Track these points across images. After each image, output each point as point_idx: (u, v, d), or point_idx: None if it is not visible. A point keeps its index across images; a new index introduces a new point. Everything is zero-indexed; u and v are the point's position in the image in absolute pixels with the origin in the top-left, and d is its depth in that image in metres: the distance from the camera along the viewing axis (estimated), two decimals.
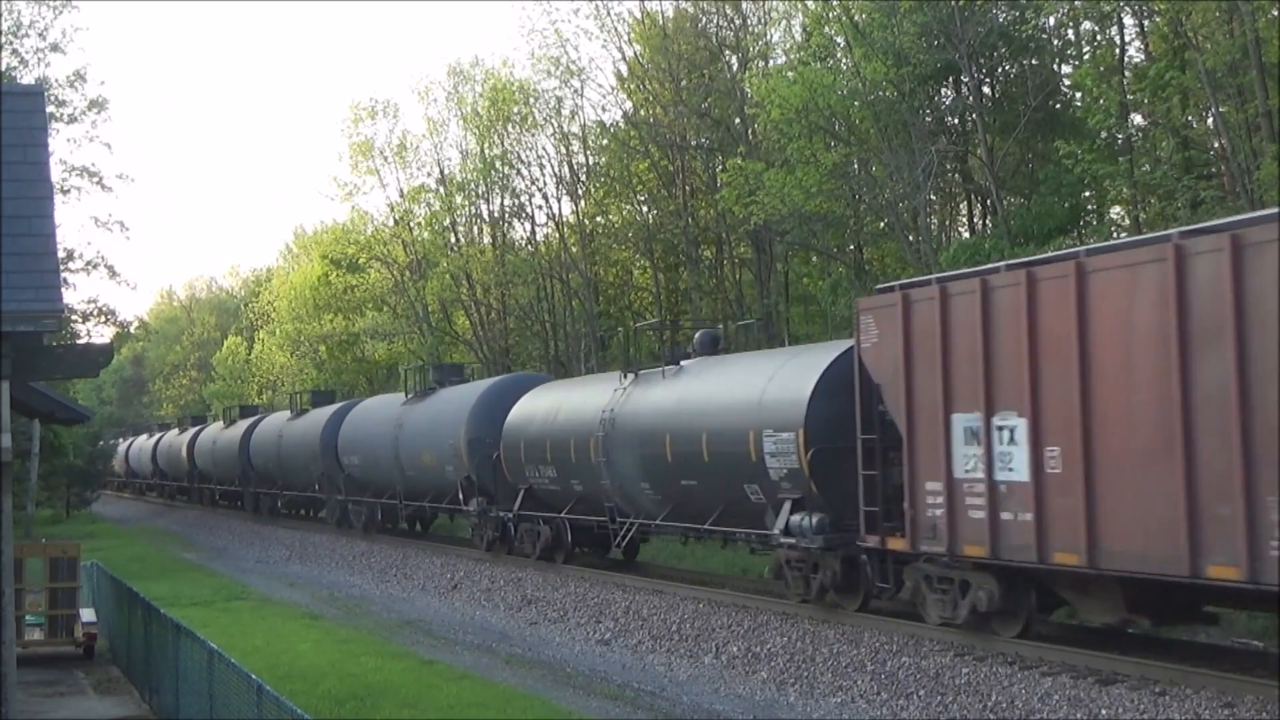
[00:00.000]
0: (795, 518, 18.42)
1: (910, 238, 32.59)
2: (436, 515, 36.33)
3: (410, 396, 35.77)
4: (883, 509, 16.78)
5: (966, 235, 35.05)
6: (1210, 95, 24.55)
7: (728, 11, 41.53)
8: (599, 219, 48.51)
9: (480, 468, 29.47)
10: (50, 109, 36.40)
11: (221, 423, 56.96)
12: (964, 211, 37.60)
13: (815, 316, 37.62)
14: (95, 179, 41.98)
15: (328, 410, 42.25)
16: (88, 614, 18.55)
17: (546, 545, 26.76)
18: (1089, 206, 30.96)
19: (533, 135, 48.19)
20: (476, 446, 29.58)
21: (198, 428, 61.54)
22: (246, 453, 48.76)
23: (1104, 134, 27.85)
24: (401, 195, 53.96)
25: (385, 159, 53.71)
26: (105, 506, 68.64)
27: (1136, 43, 30.00)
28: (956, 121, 33.23)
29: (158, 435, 73.32)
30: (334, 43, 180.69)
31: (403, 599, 26.47)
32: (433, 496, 33.28)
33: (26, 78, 39.50)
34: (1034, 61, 31.91)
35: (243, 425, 51.04)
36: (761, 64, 39.46)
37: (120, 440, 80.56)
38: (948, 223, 37.88)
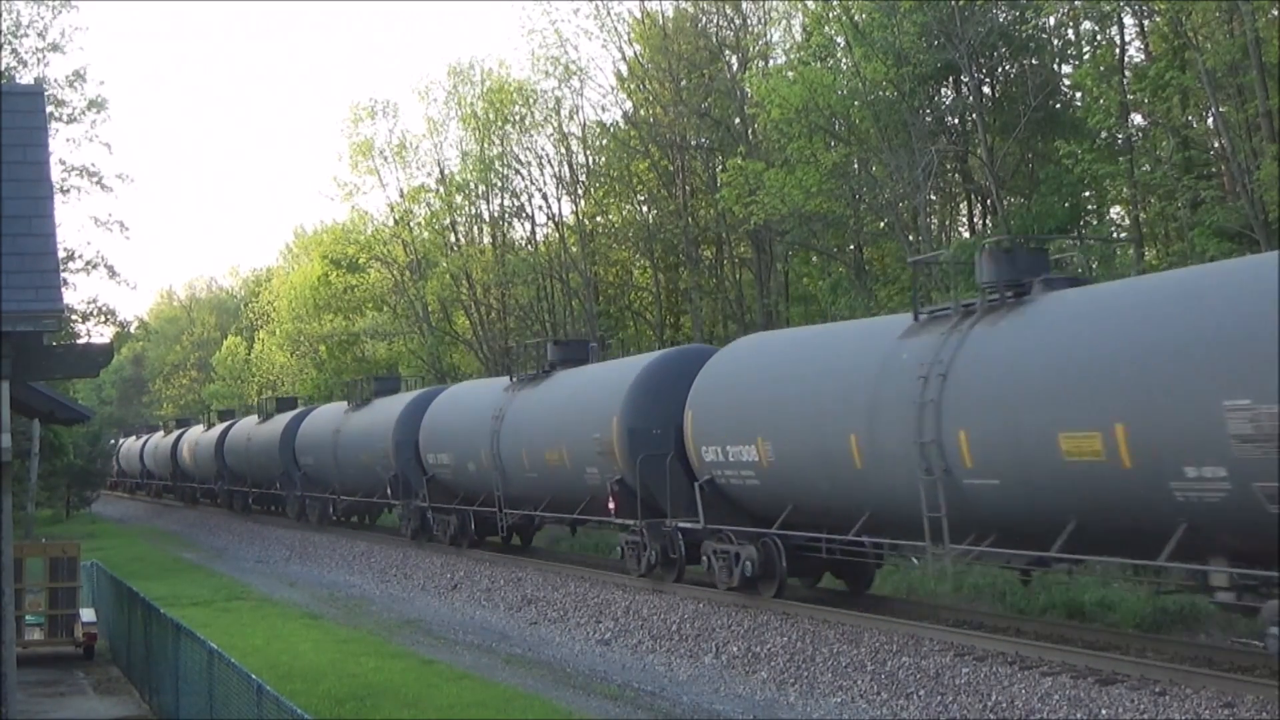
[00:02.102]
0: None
1: (910, 238, 32.60)
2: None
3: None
4: None
5: (966, 235, 35.06)
6: (1210, 95, 24.56)
7: (728, 11, 41.56)
8: (599, 219, 48.53)
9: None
10: (49, 109, 36.38)
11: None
12: (964, 211, 37.62)
13: (815, 316, 37.65)
14: (95, 179, 41.98)
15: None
16: (88, 614, 18.54)
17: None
18: (1089, 206, 31.00)
19: (532, 135, 48.26)
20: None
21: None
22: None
23: (1104, 134, 27.87)
24: (401, 195, 54.02)
25: (385, 159, 53.79)
26: (105, 506, 68.62)
27: (1136, 43, 30.05)
28: (956, 121, 33.25)
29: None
30: (334, 43, 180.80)
31: (403, 599, 26.46)
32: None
33: (26, 78, 39.51)
34: (1034, 61, 31.94)
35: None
36: (761, 64, 39.48)
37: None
38: (948, 223, 37.89)
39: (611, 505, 22.84)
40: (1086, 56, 30.48)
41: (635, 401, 22.39)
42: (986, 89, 32.61)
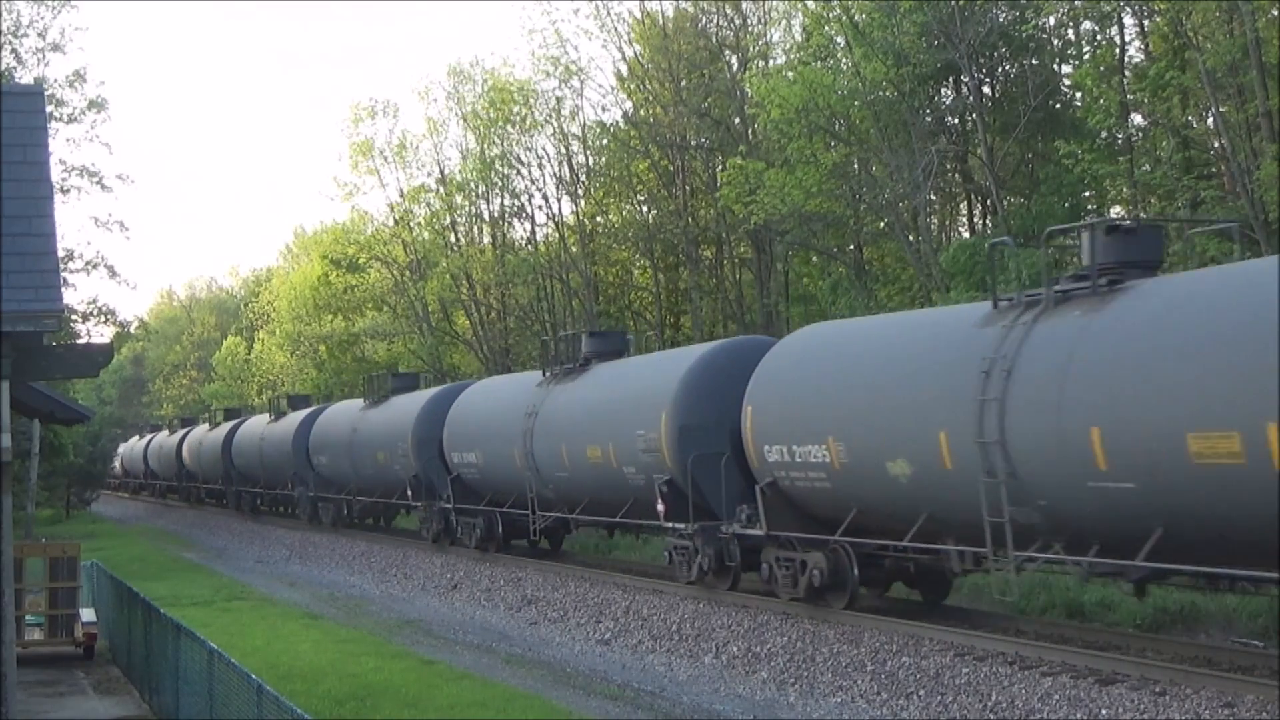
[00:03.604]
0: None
1: (910, 238, 32.61)
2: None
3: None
4: None
5: (966, 235, 35.07)
6: (1210, 95, 24.56)
7: (728, 11, 41.58)
8: (599, 219, 48.54)
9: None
10: (49, 109, 36.38)
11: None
12: (964, 211, 37.64)
13: (815, 316, 37.66)
14: (95, 179, 41.94)
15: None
16: (88, 614, 18.54)
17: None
18: (1089, 206, 30.98)
19: (532, 135, 48.26)
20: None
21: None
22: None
23: (1104, 134, 27.87)
24: (401, 195, 54.04)
25: (385, 159, 53.81)
26: (105, 506, 68.64)
27: (1136, 43, 30.05)
28: (956, 121, 33.26)
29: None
30: (334, 43, 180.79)
31: (403, 599, 26.46)
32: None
33: (25, 78, 39.50)
34: (1034, 61, 31.94)
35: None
36: (761, 64, 39.49)
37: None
38: (948, 223, 37.92)
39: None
40: (1086, 56, 30.48)
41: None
42: (986, 89, 32.62)
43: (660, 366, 23.01)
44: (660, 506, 21.23)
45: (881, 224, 34.80)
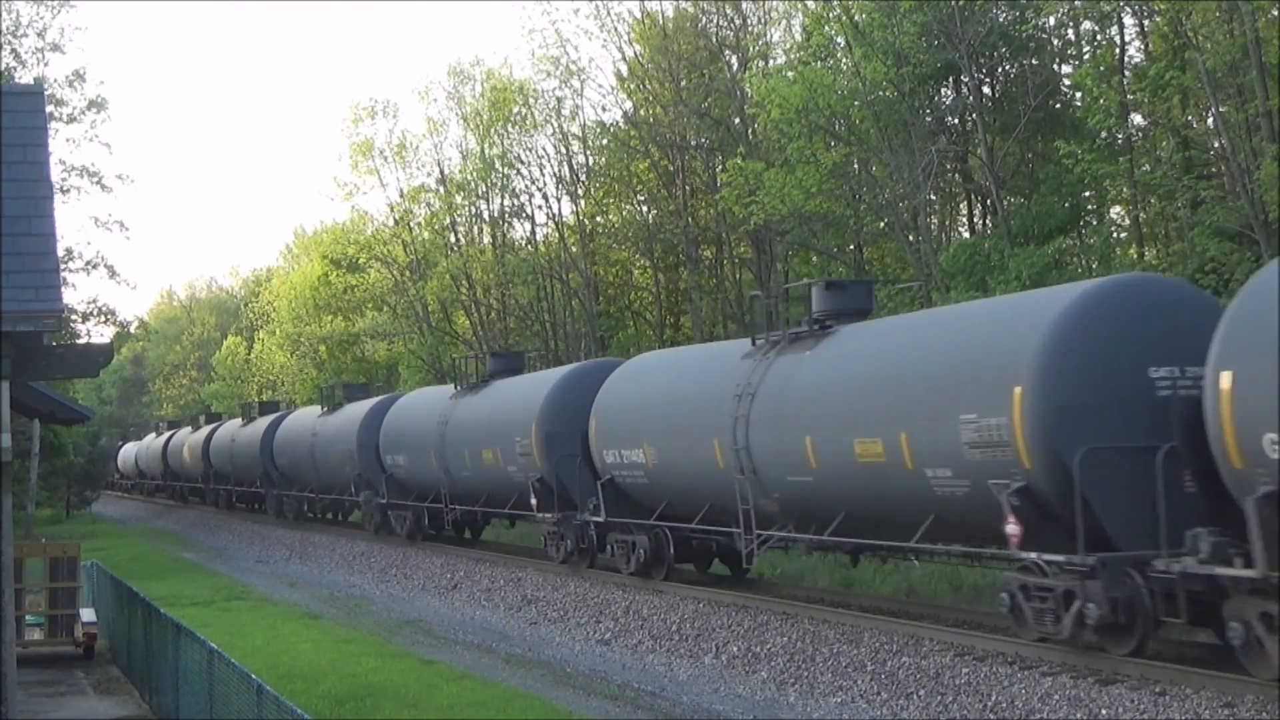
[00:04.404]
0: None
1: (910, 238, 32.62)
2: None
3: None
4: None
5: (966, 235, 35.07)
6: (1210, 95, 24.56)
7: (728, 11, 41.56)
8: (599, 219, 48.53)
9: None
10: (49, 109, 36.37)
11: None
12: (964, 211, 37.63)
13: None
14: (95, 179, 41.93)
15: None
16: (88, 614, 18.54)
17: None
18: (1089, 206, 30.98)
19: (532, 135, 48.25)
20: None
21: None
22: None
23: (1104, 134, 27.86)
24: (401, 195, 54.02)
25: (385, 159, 53.79)
26: (105, 506, 68.68)
27: (1136, 43, 30.06)
28: (956, 121, 33.25)
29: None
30: (334, 43, 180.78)
31: (403, 599, 26.47)
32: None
33: (25, 78, 39.48)
34: (1034, 61, 31.93)
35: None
36: (761, 64, 39.48)
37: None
38: (948, 223, 37.91)
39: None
40: (1086, 56, 30.48)
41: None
42: (986, 89, 32.60)
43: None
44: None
45: (881, 224, 34.80)
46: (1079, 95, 30.24)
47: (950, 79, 32.36)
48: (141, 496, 75.45)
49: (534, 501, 25.47)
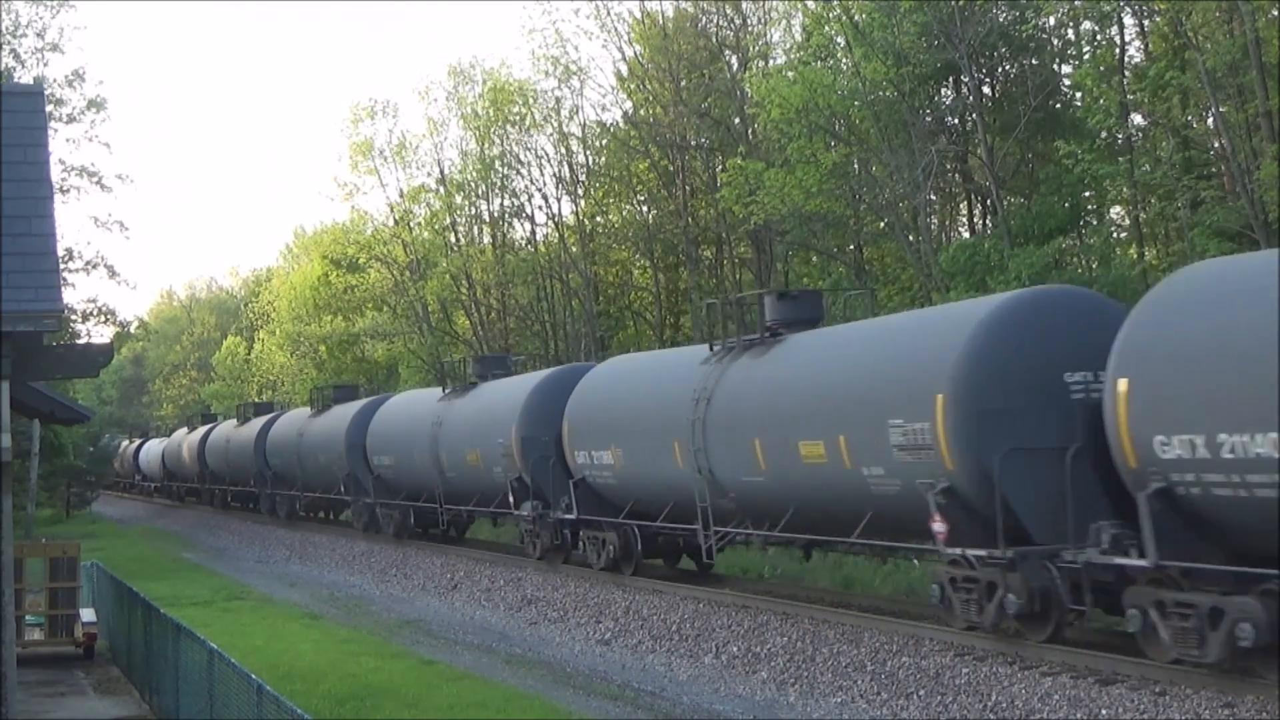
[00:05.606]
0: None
1: (910, 238, 32.61)
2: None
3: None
4: None
5: (966, 235, 35.06)
6: (1210, 95, 24.55)
7: (728, 11, 41.54)
8: (599, 219, 48.51)
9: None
10: (49, 109, 36.36)
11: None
12: (964, 211, 37.60)
13: None
14: (95, 179, 41.93)
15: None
16: (88, 614, 18.55)
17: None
18: (1089, 206, 30.96)
19: (532, 135, 48.24)
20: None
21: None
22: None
23: (1104, 134, 27.85)
24: (401, 195, 54.02)
25: (385, 159, 53.78)
26: (105, 506, 68.66)
27: (1136, 43, 30.03)
28: (956, 121, 33.22)
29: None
30: (334, 43, 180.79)
31: (403, 599, 26.48)
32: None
33: (24, 77, 39.48)
34: (1034, 61, 31.91)
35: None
36: (761, 64, 39.46)
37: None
38: (948, 223, 37.88)
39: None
40: (1086, 56, 30.46)
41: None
42: (986, 89, 32.58)
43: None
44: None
45: (881, 224, 34.77)
46: (1079, 95, 30.23)
47: (950, 79, 32.35)
48: (141, 496, 74.71)
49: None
